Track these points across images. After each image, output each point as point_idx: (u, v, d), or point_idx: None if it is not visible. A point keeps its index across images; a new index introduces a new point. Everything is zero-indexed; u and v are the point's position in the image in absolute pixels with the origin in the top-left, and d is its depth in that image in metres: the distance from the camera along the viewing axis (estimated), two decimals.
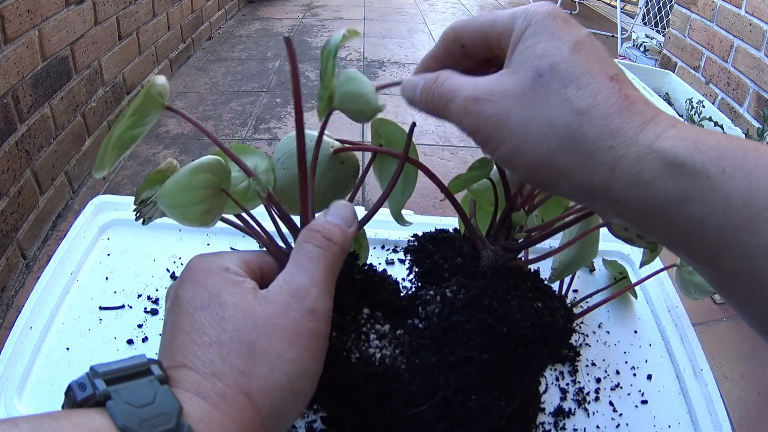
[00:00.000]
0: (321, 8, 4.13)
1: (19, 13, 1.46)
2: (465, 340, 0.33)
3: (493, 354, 0.33)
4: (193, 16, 3.01)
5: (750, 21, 1.92)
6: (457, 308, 0.35)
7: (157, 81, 0.35)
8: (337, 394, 0.36)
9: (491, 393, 0.33)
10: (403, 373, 0.34)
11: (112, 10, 2.06)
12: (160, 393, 0.26)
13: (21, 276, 1.49)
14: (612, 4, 4.46)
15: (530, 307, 0.35)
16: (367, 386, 0.34)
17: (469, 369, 0.33)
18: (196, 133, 2.22)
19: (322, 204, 0.38)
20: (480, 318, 0.34)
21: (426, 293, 0.37)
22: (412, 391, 0.33)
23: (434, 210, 1.78)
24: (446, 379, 0.33)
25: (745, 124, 1.92)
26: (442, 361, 0.33)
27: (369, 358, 0.34)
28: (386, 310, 0.38)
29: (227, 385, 0.28)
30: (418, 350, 0.35)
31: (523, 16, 0.29)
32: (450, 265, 0.39)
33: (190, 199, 0.34)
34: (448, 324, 0.35)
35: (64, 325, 0.53)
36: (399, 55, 3.21)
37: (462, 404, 0.33)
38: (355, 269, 0.39)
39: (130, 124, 0.33)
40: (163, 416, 0.24)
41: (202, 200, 0.35)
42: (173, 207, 0.34)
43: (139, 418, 0.24)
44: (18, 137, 1.48)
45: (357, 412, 0.36)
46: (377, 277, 0.40)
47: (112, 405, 0.24)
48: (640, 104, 0.26)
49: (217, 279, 0.31)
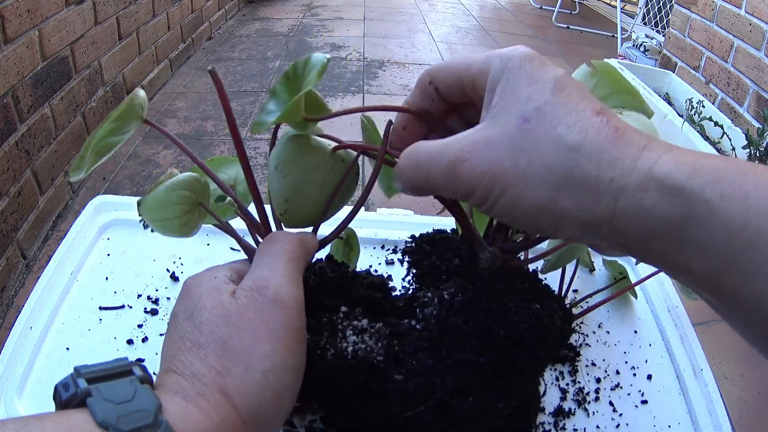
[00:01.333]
0: (321, 8, 4.13)
1: (19, 13, 1.46)
2: (462, 343, 0.33)
3: (491, 356, 0.33)
4: (193, 16, 3.01)
5: (750, 21, 1.92)
6: (454, 310, 0.35)
7: (139, 93, 0.36)
8: (320, 392, 0.36)
9: (488, 395, 0.33)
10: (379, 364, 0.34)
11: (112, 10, 2.07)
12: (139, 391, 0.27)
13: (21, 276, 1.49)
14: (612, 4, 4.46)
15: (528, 309, 0.35)
16: (345, 380, 0.34)
17: (467, 371, 0.33)
18: (197, 133, 2.23)
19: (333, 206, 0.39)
20: (477, 320, 0.34)
21: (424, 295, 0.37)
22: (407, 392, 0.33)
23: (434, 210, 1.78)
24: (443, 381, 0.33)
25: (745, 124, 1.92)
26: (439, 363, 0.33)
27: (342, 353, 0.34)
28: (369, 306, 0.38)
29: (206, 385, 0.28)
30: (416, 352, 0.35)
31: (498, 59, 0.29)
32: (447, 267, 0.39)
33: (167, 214, 0.37)
34: (445, 326, 0.34)
35: (64, 325, 0.53)
36: (399, 55, 3.21)
37: (459, 406, 0.33)
38: (327, 270, 0.39)
39: (111, 130, 0.35)
40: (142, 412, 0.25)
41: (179, 215, 0.38)
42: (153, 221, 0.38)
43: (117, 414, 0.25)
44: (18, 137, 1.48)
45: (347, 409, 0.36)
46: (350, 274, 0.40)
47: (92, 402, 0.25)
48: (631, 133, 0.26)
49: (203, 288, 0.33)
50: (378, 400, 0.34)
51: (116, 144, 0.36)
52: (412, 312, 0.38)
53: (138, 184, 1.89)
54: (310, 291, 0.37)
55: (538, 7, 4.67)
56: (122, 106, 0.35)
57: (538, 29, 4.07)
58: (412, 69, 3.02)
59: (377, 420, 0.35)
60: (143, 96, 0.37)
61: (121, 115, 0.35)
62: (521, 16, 4.43)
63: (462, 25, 4.00)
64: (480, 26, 4.01)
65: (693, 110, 1.86)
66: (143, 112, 0.37)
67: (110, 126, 0.35)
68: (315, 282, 0.38)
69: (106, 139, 0.35)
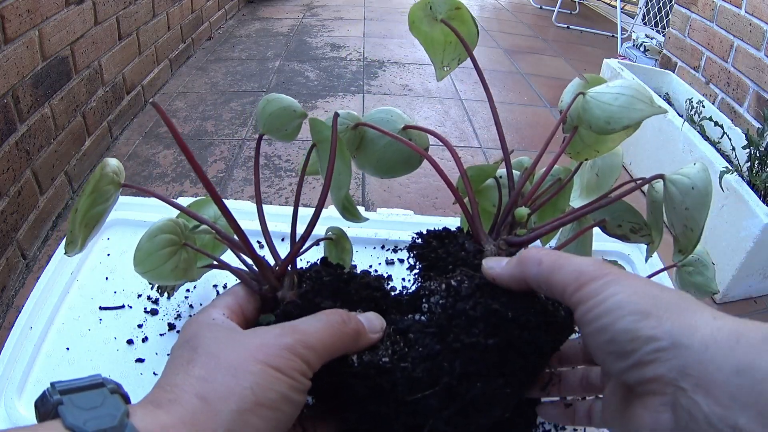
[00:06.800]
0: (321, 8, 4.13)
1: (19, 13, 1.46)
2: (470, 327, 0.34)
3: (498, 339, 0.33)
4: (193, 16, 3.01)
5: (750, 21, 1.92)
6: (462, 296, 0.35)
7: (109, 162, 0.37)
8: (336, 394, 0.36)
9: (496, 381, 0.33)
10: (386, 365, 0.34)
11: (112, 10, 2.06)
12: (108, 399, 0.28)
13: (21, 276, 1.49)
14: (612, 4, 4.46)
15: (534, 296, 0.35)
16: (355, 386, 0.34)
17: (474, 355, 0.33)
18: (197, 133, 2.23)
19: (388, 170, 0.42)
20: (485, 304, 0.34)
21: (431, 284, 0.38)
22: (415, 377, 0.33)
23: (434, 210, 1.78)
24: (451, 365, 0.33)
25: (745, 124, 1.92)
26: (446, 348, 0.34)
27: (346, 360, 0.35)
28: (369, 306, 0.39)
29: (184, 391, 0.29)
30: (423, 339, 0.35)
31: None
32: (454, 259, 0.39)
33: (155, 262, 0.38)
34: (453, 312, 0.35)
35: (64, 325, 0.53)
36: (399, 55, 3.21)
37: (467, 391, 0.33)
38: (323, 273, 0.39)
39: (91, 203, 0.36)
40: (109, 416, 0.26)
41: (166, 259, 0.39)
42: (146, 272, 0.39)
43: (84, 418, 0.26)
44: (18, 137, 1.48)
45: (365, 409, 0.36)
46: (346, 276, 0.40)
47: (63, 408, 0.26)
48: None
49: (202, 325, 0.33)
50: (390, 393, 0.34)
51: (103, 212, 0.37)
52: (417, 307, 0.38)
53: (138, 184, 1.89)
54: (306, 295, 0.37)
55: (538, 7, 4.67)
56: (93, 179, 0.36)
57: (538, 29, 4.07)
58: (412, 69, 3.02)
59: (389, 412, 0.35)
60: (115, 163, 0.38)
61: (94, 188, 0.36)
62: (521, 16, 4.43)
63: None
64: (480, 26, 4.00)
65: (693, 110, 1.86)
66: (120, 177, 0.38)
67: (89, 200, 0.36)
68: (311, 286, 0.38)
69: (91, 211, 0.36)
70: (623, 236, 0.45)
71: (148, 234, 0.39)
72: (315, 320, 0.34)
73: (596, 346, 0.30)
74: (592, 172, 0.49)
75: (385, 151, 0.43)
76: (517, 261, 0.34)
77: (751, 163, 1.57)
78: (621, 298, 0.29)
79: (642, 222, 0.45)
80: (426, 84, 2.82)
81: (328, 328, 0.33)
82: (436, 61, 0.45)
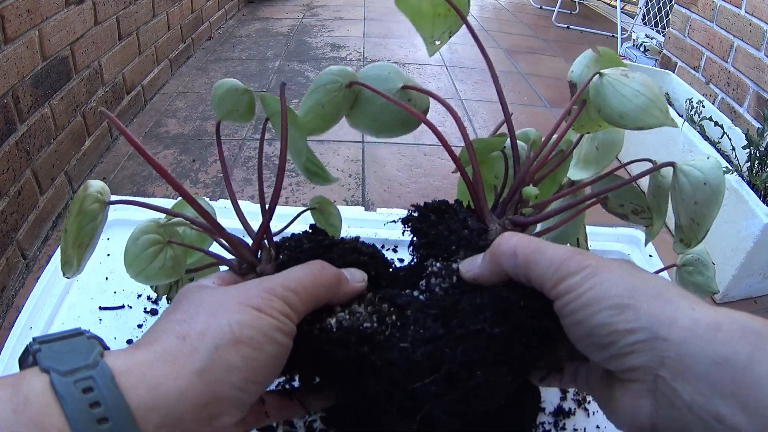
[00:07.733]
0: (321, 8, 4.13)
1: (19, 13, 1.46)
2: (476, 313, 0.32)
3: (504, 328, 0.32)
4: (193, 16, 3.01)
5: (750, 21, 1.92)
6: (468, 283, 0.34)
7: (91, 184, 0.38)
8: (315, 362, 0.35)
9: (499, 369, 0.32)
10: (366, 330, 0.33)
11: (112, 10, 2.06)
12: (85, 344, 0.28)
13: (21, 276, 1.49)
14: (612, 4, 4.46)
15: None
16: (336, 353, 0.34)
17: (479, 342, 0.32)
18: (197, 133, 2.23)
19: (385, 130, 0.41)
20: (493, 291, 0.33)
21: (432, 264, 0.36)
22: (415, 360, 0.32)
23: None
24: (453, 351, 0.32)
25: (745, 124, 1.92)
26: (449, 334, 0.32)
27: (327, 326, 0.34)
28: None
29: (163, 332, 0.29)
30: (424, 320, 0.34)
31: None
32: (457, 237, 0.38)
33: (143, 263, 0.39)
34: (458, 297, 0.34)
35: (64, 325, 0.53)
36: (399, 55, 3.21)
37: (468, 379, 0.32)
38: (304, 240, 0.39)
39: (80, 224, 0.36)
40: (82, 356, 0.27)
41: (152, 258, 0.39)
42: (137, 275, 0.39)
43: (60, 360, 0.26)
44: (18, 137, 1.48)
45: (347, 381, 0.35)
46: (329, 241, 0.39)
47: (40, 355, 0.27)
48: None
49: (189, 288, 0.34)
50: (383, 372, 0.33)
51: (94, 230, 0.38)
52: (414, 283, 0.37)
53: (138, 184, 1.89)
54: (284, 266, 0.36)
55: (538, 7, 4.67)
56: (77, 200, 0.36)
57: (538, 29, 4.07)
58: (412, 69, 3.02)
59: (382, 396, 0.34)
60: (98, 185, 0.38)
61: (80, 209, 0.36)
62: (521, 16, 4.43)
63: None
64: (480, 26, 4.01)
65: (693, 110, 1.86)
66: (105, 197, 0.38)
67: (76, 222, 0.36)
68: (287, 256, 0.37)
69: (82, 231, 0.36)
70: (623, 215, 0.44)
71: (131, 237, 0.39)
72: (296, 268, 0.34)
73: (576, 337, 0.31)
74: (592, 144, 0.48)
75: (382, 110, 0.41)
76: (491, 257, 0.33)
77: (751, 163, 1.57)
78: (597, 291, 0.29)
79: (645, 205, 0.44)
80: (426, 84, 2.82)
81: (309, 273, 0.34)
82: (426, 36, 0.44)
